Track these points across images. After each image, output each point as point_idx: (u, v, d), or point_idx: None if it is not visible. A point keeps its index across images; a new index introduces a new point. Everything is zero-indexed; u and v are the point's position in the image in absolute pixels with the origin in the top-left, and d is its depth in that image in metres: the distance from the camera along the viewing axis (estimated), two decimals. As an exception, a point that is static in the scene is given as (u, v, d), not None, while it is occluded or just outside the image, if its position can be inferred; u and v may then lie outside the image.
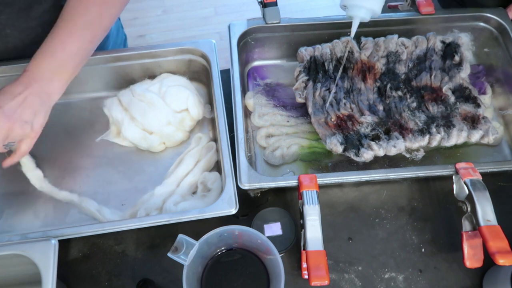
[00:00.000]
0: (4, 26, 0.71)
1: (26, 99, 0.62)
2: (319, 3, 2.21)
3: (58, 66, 0.64)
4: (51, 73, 0.64)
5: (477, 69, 0.84)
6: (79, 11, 0.65)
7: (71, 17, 0.65)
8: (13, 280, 0.64)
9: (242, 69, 0.85)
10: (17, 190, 0.74)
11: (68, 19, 0.65)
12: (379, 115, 0.75)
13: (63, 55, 0.64)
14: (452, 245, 0.70)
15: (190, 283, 0.53)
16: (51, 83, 0.64)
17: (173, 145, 0.79)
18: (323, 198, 0.74)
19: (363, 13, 0.69)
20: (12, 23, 0.71)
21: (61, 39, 0.65)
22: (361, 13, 0.69)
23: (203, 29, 2.12)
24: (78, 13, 0.65)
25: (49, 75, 0.64)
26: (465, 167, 0.67)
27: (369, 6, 0.68)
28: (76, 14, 0.65)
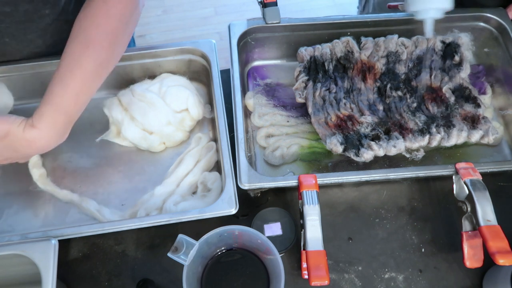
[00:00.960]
0: (3, 34, 0.70)
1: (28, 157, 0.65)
2: (319, 3, 2.21)
3: (70, 121, 0.61)
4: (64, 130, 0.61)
5: (477, 69, 0.84)
6: (88, 56, 0.60)
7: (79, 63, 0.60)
8: (13, 280, 0.64)
9: (242, 69, 0.85)
10: (17, 190, 0.74)
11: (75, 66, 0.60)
12: (379, 115, 0.75)
13: (76, 108, 0.61)
14: (452, 245, 0.70)
15: (190, 283, 0.53)
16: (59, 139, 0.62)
17: (173, 145, 0.79)
18: (323, 198, 0.74)
19: (433, 14, 0.69)
20: (11, 33, 0.70)
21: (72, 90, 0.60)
22: (432, 14, 0.69)
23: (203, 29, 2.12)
24: (87, 57, 0.60)
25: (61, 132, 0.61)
26: (465, 167, 0.67)
27: (439, 6, 0.69)
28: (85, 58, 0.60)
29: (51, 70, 0.77)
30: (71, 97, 0.60)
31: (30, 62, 0.76)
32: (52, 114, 0.59)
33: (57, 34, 0.75)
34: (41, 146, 0.61)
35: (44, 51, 0.76)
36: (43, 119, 0.59)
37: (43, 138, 0.60)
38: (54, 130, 0.60)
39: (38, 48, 0.75)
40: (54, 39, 0.76)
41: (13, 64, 0.76)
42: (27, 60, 0.76)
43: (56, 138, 0.61)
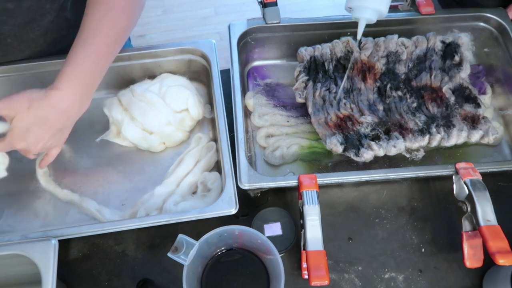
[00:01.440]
0: (6, 36, 0.70)
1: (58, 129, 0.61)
2: (319, 3, 2.21)
3: (92, 83, 0.62)
4: (87, 92, 0.62)
5: (477, 69, 0.84)
6: (109, 20, 0.61)
7: (101, 27, 0.61)
8: (13, 280, 0.64)
9: (242, 69, 0.85)
10: (17, 190, 0.74)
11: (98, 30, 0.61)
12: (379, 115, 0.75)
13: (98, 71, 0.62)
14: (452, 245, 0.70)
15: (190, 283, 0.53)
16: (83, 102, 0.62)
17: (173, 145, 0.79)
18: (323, 198, 0.74)
19: (368, 14, 0.68)
20: (14, 34, 0.71)
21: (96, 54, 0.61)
22: (367, 14, 0.67)
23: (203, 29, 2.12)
24: (108, 21, 0.61)
25: (84, 94, 0.61)
26: (465, 167, 0.67)
27: (375, 7, 0.67)
28: (107, 23, 0.61)
29: (51, 70, 0.77)
30: (94, 59, 0.60)
31: (30, 62, 0.76)
32: (73, 75, 0.59)
33: (57, 32, 0.75)
34: (66, 110, 0.59)
35: (45, 49, 0.77)
36: (65, 80, 0.59)
37: (66, 99, 0.59)
38: (77, 90, 0.60)
39: (39, 47, 0.75)
40: (54, 37, 0.76)
41: (13, 64, 0.76)
42: (27, 60, 0.76)
43: (79, 101, 0.60)
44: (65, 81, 0.59)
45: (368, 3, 0.67)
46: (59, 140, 0.64)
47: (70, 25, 0.76)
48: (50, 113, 0.59)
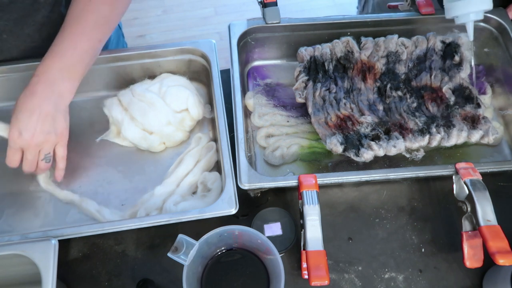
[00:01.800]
0: (2, 32, 0.71)
1: (42, 109, 0.63)
2: (319, 3, 2.21)
3: (68, 66, 0.64)
4: (61, 73, 0.64)
5: (477, 69, 0.84)
6: (90, 9, 0.65)
7: (81, 16, 0.65)
8: (13, 280, 0.64)
9: (242, 69, 0.85)
10: (17, 190, 0.74)
11: (78, 18, 0.65)
12: (379, 115, 0.75)
13: (74, 55, 0.64)
14: (452, 245, 0.70)
15: (190, 283, 0.53)
16: (62, 84, 0.64)
17: (173, 145, 0.79)
18: (323, 198, 0.74)
19: (475, 17, 0.68)
20: (9, 29, 0.71)
21: (72, 38, 0.64)
22: (473, 17, 0.68)
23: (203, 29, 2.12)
24: (88, 11, 0.65)
25: (59, 76, 0.64)
26: (465, 167, 0.67)
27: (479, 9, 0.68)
28: (86, 12, 0.65)
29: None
30: (68, 43, 0.64)
31: (30, 62, 0.76)
32: (47, 59, 0.64)
33: (52, 27, 0.75)
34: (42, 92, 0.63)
35: (40, 45, 0.76)
36: (39, 66, 0.64)
37: (40, 83, 0.63)
38: (50, 72, 0.63)
39: (35, 42, 0.76)
40: (49, 32, 0.76)
41: (13, 64, 0.76)
42: (27, 59, 0.76)
43: (53, 83, 0.63)
44: (39, 67, 0.64)
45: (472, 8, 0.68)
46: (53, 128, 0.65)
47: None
48: (29, 99, 0.63)
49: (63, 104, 0.65)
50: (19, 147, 0.64)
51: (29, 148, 0.64)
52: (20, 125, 0.63)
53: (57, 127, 0.65)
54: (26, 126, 0.62)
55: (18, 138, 0.63)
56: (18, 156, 0.65)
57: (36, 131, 0.63)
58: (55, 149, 0.67)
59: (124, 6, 0.69)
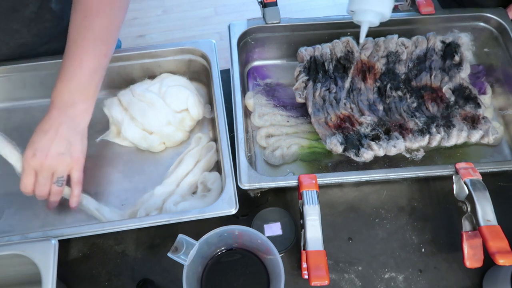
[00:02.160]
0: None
1: (57, 132, 0.63)
2: (319, 3, 2.21)
3: (79, 87, 0.64)
4: (73, 96, 0.63)
5: (477, 69, 0.84)
6: (86, 25, 0.64)
7: (79, 34, 0.64)
8: (13, 280, 0.64)
9: (242, 69, 0.85)
10: (17, 190, 0.74)
11: (77, 37, 0.64)
12: (379, 115, 0.75)
13: (82, 76, 0.64)
14: (452, 245, 0.70)
15: (190, 283, 0.53)
16: (76, 106, 0.64)
17: (173, 145, 0.79)
18: (323, 198, 0.74)
19: (371, 17, 0.67)
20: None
21: (76, 58, 0.63)
22: (369, 17, 0.67)
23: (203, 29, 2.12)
24: (85, 27, 0.63)
25: (71, 99, 0.63)
26: (465, 167, 0.67)
27: (378, 10, 0.66)
28: (83, 29, 0.64)
29: (51, 71, 0.77)
30: (75, 65, 0.63)
31: (30, 62, 0.76)
32: (57, 85, 0.63)
33: (41, 23, 0.75)
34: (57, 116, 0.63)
35: (29, 41, 0.76)
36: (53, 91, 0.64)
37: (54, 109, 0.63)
38: (60, 96, 0.63)
39: (23, 38, 0.75)
40: (38, 28, 0.76)
41: (13, 64, 0.76)
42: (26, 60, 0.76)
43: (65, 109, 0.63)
44: (53, 92, 0.64)
45: (370, 6, 0.66)
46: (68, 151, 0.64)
47: (55, 16, 0.77)
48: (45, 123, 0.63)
49: (80, 127, 0.65)
50: (33, 169, 0.63)
51: (42, 170, 0.63)
52: (35, 146, 0.62)
53: (73, 151, 0.64)
54: (40, 147, 0.62)
55: (32, 158, 0.62)
56: (32, 179, 0.64)
57: (50, 152, 0.62)
58: (70, 173, 0.66)
59: (122, 12, 0.68)
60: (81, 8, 0.64)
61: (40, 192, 0.65)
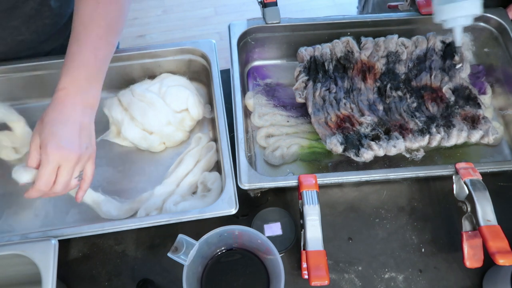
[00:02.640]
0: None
1: (78, 122, 0.59)
2: (319, 3, 2.21)
3: (93, 74, 0.62)
4: (89, 83, 0.61)
5: (477, 69, 0.84)
6: (100, 13, 0.62)
7: (93, 21, 0.62)
8: (13, 280, 0.64)
9: (242, 69, 0.85)
10: (17, 190, 0.74)
11: (90, 24, 0.62)
12: (379, 115, 0.75)
13: (96, 63, 0.62)
14: (452, 245, 0.70)
15: (190, 283, 0.53)
16: (90, 93, 0.61)
17: (173, 145, 0.79)
18: (323, 198, 0.74)
19: (464, 22, 0.67)
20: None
21: (90, 45, 0.61)
22: (463, 22, 0.67)
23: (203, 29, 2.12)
24: (99, 14, 0.62)
25: (87, 85, 0.61)
26: (465, 167, 0.67)
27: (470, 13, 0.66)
28: (98, 16, 0.62)
29: (51, 71, 0.77)
30: (89, 52, 0.61)
31: (30, 62, 0.76)
32: (70, 71, 0.60)
33: (40, 20, 0.75)
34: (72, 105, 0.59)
35: (28, 38, 0.76)
36: (63, 79, 0.59)
37: (67, 96, 0.59)
38: (76, 85, 0.59)
39: (22, 35, 0.75)
40: (37, 25, 0.75)
41: (13, 65, 0.76)
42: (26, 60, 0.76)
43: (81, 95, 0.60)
44: (63, 80, 0.59)
45: (462, 12, 0.66)
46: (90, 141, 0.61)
47: (54, 14, 0.76)
48: (59, 112, 0.58)
49: (93, 115, 0.62)
50: (57, 163, 0.57)
51: (67, 164, 0.57)
52: (58, 138, 0.56)
53: (91, 140, 0.61)
54: (65, 138, 0.57)
55: (57, 152, 0.56)
56: (54, 175, 0.57)
57: (75, 144, 0.58)
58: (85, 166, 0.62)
59: (127, 4, 0.68)
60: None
61: (61, 189, 0.59)
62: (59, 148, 0.56)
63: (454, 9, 0.67)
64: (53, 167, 0.57)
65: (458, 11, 0.66)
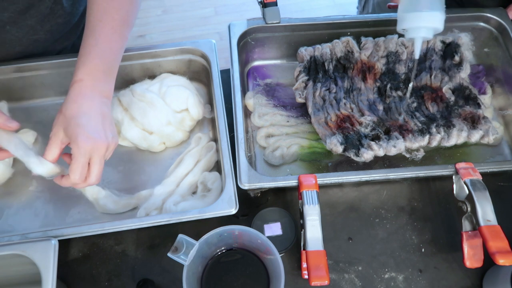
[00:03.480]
0: (5, 23, 0.70)
1: (102, 113, 0.59)
2: (319, 3, 2.21)
3: (109, 66, 0.63)
4: (105, 75, 0.62)
5: (477, 69, 0.84)
6: (115, 6, 0.63)
7: (107, 14, 0.63)
8: (13, 280, 0.64)
9: (242, 69, 0.85)
10: (17, 190, 0.74)
11: (105, 17, 0.63)
12: (379, 115, 0.75)
13: (111, 55, 0.63)
14: (452, 245, 0.70)
15: (190, 283, 0.53)
16: (106, 85, 0.62)
17: (173, 145, 0.79)
18: (323, 198, 0.74)
19: (424, 33, 0.66)
20: (13, 21, 0.71)
21: (106, 38, 0.62)
22: (423, 33, 0.66)
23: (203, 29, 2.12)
24: (113, 7, 0.63)
25: (104, 77, 0.62)
26: (465, 167, 0.67)
27: (430, 25, 0.65)
28: (112, 9, 0.63)
29: (51, 71, 0.77)
30: (104, 45, 0.62)
31: (30, 62, 0.76)
32: (87, 63, 0.61)
33: (54, 19, 0.76)
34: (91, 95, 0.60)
35: (42, 38, 0.77)
36: (79, 70, 0.60)
37: (85, 86, 0.59)
38: (92, 76, 0.60)
39: (37, 34, 0.76)
40: (51, 24, 0.76)
41: (13, 65, 0.76)
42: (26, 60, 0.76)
43: (99, 86, 0.61)
44: (80, 71, 0.60)
45: (423, 23, 0.65)
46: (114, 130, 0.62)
47: (66, 13, 0.77)
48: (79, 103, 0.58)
49: (110, 106, 0.63)
50: (89, 155, 0.57)
51: (98, 154, 0.57)
52: (86, 129, 0.56)
53: (114, 129, 0.62)
54: (92, 130, 0.57)
55: (88, 143, 0.56)
56: (87, 168, 0.58)
57: (102, 134, 0.58)
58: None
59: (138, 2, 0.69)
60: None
61: (95, 179, 0.59)
62: (89, 139, 0.56)
63: (416, 18, 0.65)
64: (86, 159, 0.57)
65: (420, 21, 0.65)
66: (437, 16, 0.65)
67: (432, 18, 0.65)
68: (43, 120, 0.80)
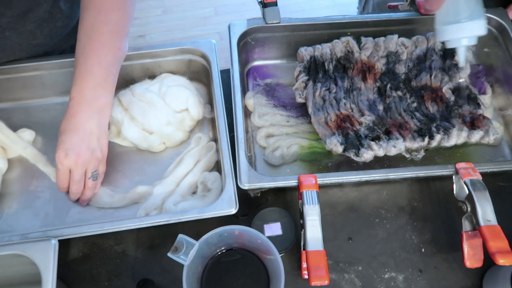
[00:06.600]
0: (4, 29, 0.71)
1: (85, 129, 0.64)
2: (319, 3, 2.21)
3: (99, 82, 0.65)
4: (95, 91, 0.64)
5: (477, 69, 0.84)
6: (102, 20, 0.64)
7: (95, 29, 0.64)
8: (13, 280, 0.64)
9: (242, 69, 0.85)
10: (17, 190, 0.74)
11: (93, 32, 0.64)
12: (379, 115, 0.75)
13: (101, 70, 0.64)
14: (452, 245, 0.70)
15: (190, 283, 0.53)
16: (99, 100, 0.65)
17: (173, 145, 0.79)
18: (323, 198, 0.74)
19: (467, 42, 0.66)
20: (12, 26, 0.71)
21: (93, 54, 0.64)
22: (465, 42, 0.65)
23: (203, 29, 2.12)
24: (101, 21, 0.64)
25: (94, 94, 0.64)
26: (465, 167, 0.67)
27: (471, 34, 0.65)
28: (99, 23, 0.64)
29: (51, 71, 0.77)
30: (92, 60, 0.64)
31: (30, 62, 0.76)
32: (78, 81, 0.64)
33: (53, 23, 0.76)
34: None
35: (42, 42, 0.77)
36: (72, 88, 0.64)
37: (76, 105, 0.64)
38: (83, 93, 0.64)
39: (37, 39, 0.76)
40: (50, 28, 0.76)
41: (14, 65, 0.76)
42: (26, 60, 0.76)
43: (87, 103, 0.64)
44: (72, 89, 0.64)
45: (465, 33, 0.64)
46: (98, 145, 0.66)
47: (65, 16, 0.77)
48: (70, 121, 0.64)
49: (104, 121, 0.67)
50: (67, 168, 0.64)
51: (76, 168, 0.64)
52: (66, 145, 0.63)
53: (102, 144, 0.67)
54: (72, 146, 0.63)
55: (65, 158, 0.63)
56: (68, 178, 0.65)
57: (81, 150, 0.64)
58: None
59: (132, 7, 0.69)
60: (95, 3, 0.64)
61: (75, 189, 0.67)
62: (66, 156, 0.63)
63: (457, 29, 0.64)
64: (64, 171, 0.64)
65: (461, 32, 0.64)
66: (479, 24, 0.64)
67: (474, 27, 0.64)
68: (43, 120, 0.80)
